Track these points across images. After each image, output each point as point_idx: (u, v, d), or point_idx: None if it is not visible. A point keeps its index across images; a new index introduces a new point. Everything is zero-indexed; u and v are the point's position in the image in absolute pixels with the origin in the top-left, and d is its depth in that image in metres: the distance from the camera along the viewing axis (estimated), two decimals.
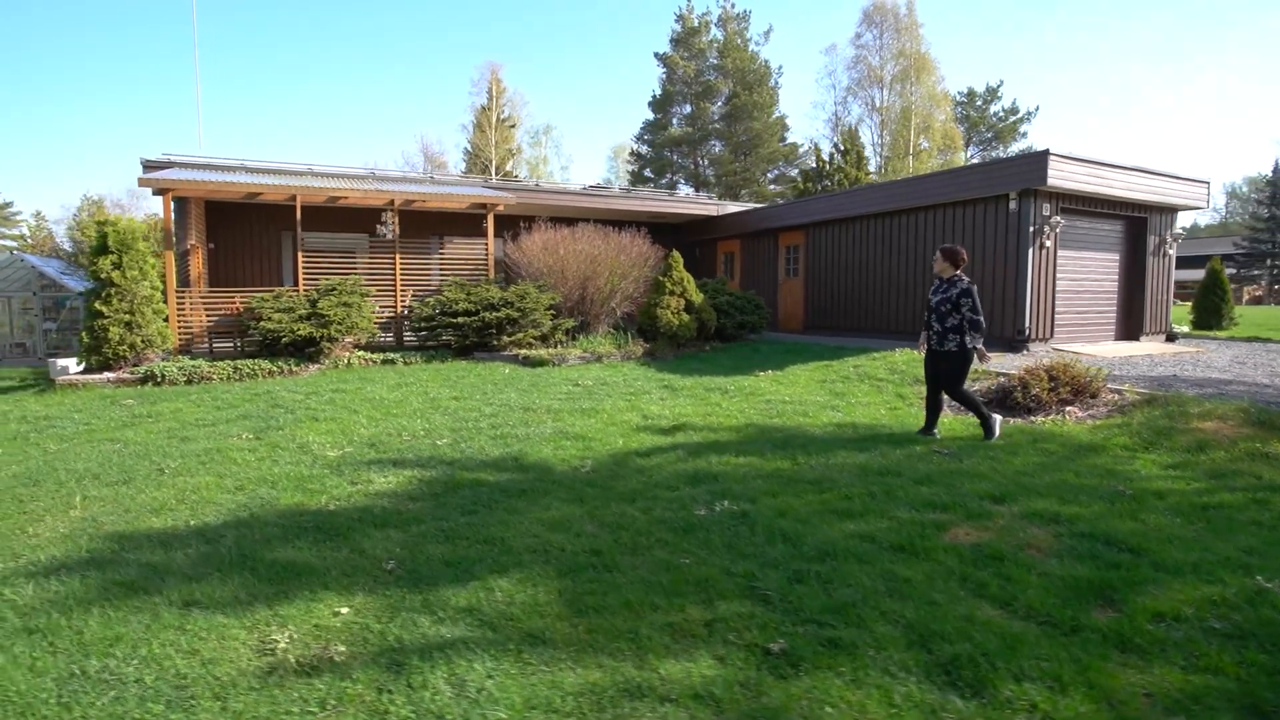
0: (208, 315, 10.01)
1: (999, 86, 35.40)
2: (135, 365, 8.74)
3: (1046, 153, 8.97)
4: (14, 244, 37.68)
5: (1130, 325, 11.19)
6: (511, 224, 13.92)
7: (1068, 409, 6.44)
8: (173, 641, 2.80)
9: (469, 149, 40.83)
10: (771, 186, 34.61)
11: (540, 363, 9.83)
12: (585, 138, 69.38)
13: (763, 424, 6.36)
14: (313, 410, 7.04)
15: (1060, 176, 9.14)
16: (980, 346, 5.55)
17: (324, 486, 4.73)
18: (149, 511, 4.29)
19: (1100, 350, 9.78)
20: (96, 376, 8.39)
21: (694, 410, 6.96)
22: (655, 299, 10.86)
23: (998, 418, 5.70)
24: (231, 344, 10.27)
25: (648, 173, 36.10)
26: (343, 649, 2.74)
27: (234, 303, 10.15)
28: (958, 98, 33.19)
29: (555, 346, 10.52)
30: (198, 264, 10.50)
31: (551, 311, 10.63)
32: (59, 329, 12.63)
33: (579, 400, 7.48)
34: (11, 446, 5.95)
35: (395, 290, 10.94)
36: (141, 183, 9.54)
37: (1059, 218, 9.56)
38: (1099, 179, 9.69)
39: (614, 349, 10.42)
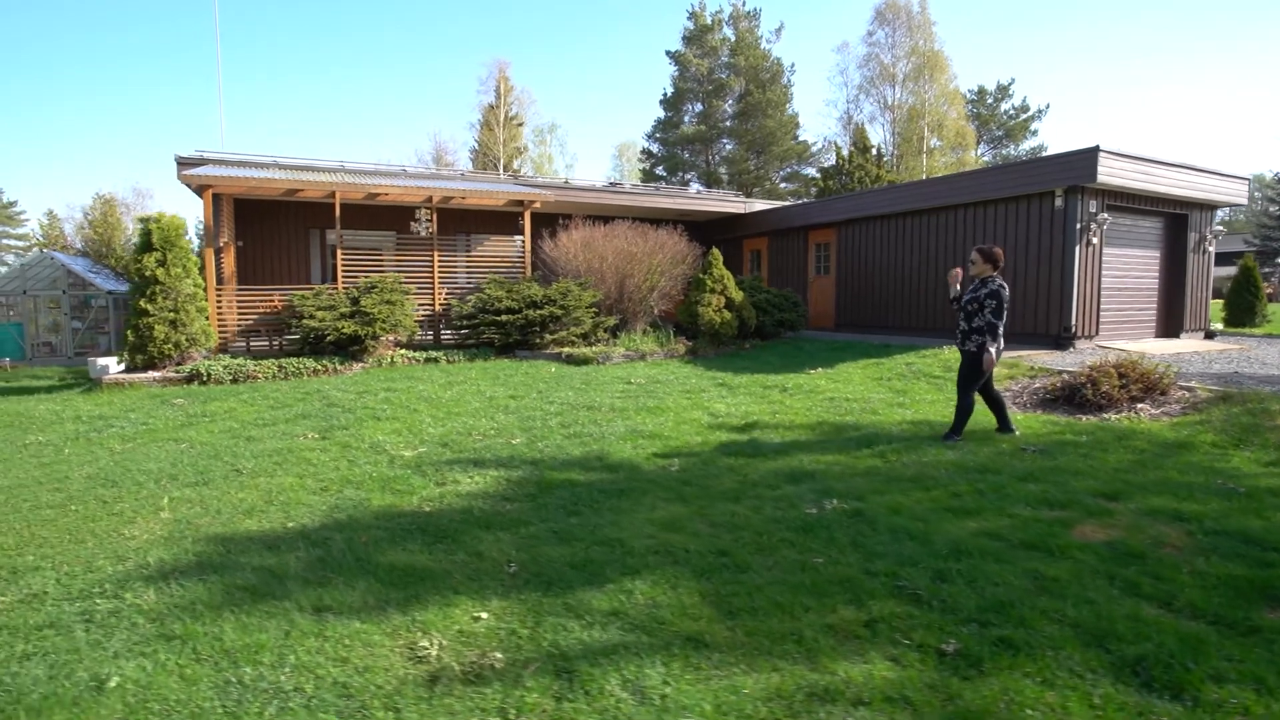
0: (246, 313, 9.89)
1: (1010, 84, 35.44)
2: (179, 364, 8.62)
3: (1097, 149, 8.90)
4: (21, 243, 37.40)
5: (1170, 322, 11.14)
6: (539, 222, 13.82)
7: (1138, 406, 6.37)
8: (317, 649, 2.71)
9: (475, 147, 40.69)
10: (784, 185, 34.53)
11: (584, 361, 9.74)
12: (590, 136, 69.25)
13: (836, 422, 6.28)
14: (371, 409, 6.93)
15: (1109, 173, 9.07)
16: (990, 352, 5.29)
17: (411, 487, 4.64)
18: (240, 513, 4.20)
19: (1144, 347, 9.72)
20: (141, 376, 8.27)
21: (759, 408, 6.88)
22: (696, 297, 10.77)
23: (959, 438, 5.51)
24: (268, 342, 10.15)
25: (660, 171, 35.99)
26: (500, 655, 2.65)
27: (272, 300, 10.03)
28: (968, 96, 33.15)
29: (597, 345, 10.42)
30: (230, 262, 10.37)
31: (593, 310, 10.53)
32: (87, 328, 12.49)
33: (638, 398, 7.39)
34: (76, 447, 5.84)
35: (433, 288, 10.82)
36: (183, 179, 9.42)
37: (1106, 214, 9.50)
38: (1146, 175, 9.63)
39: (656, 347, 10.33)
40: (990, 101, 35.53)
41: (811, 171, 35.03)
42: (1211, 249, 11.25)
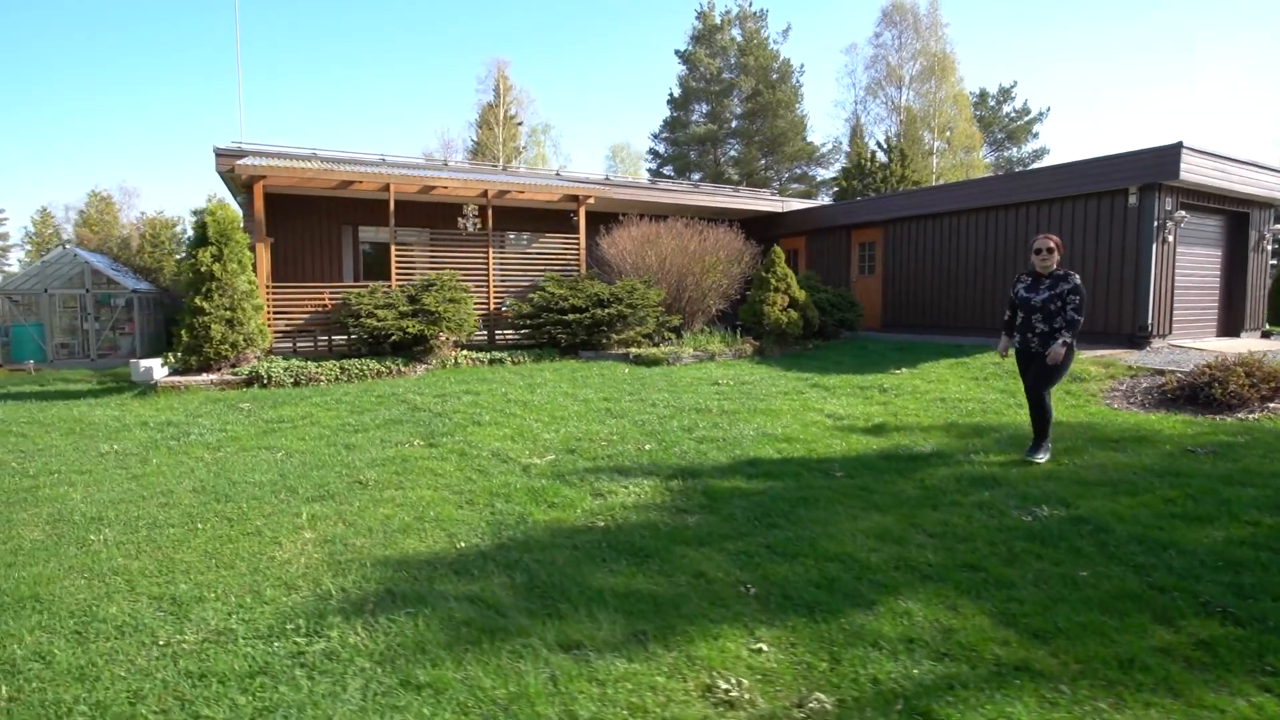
0: (294, 313, 9.37)
1: (1012, 87, 35.70)
2: (234, 366, 8.11)
3: (1180, 145, 8.77)
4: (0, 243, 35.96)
5: (1231, 321, 11.08)
6: (564, 220, 13.44)
7: (1269, 405, 6.18)
8: (601, 696, 2.35)
9: (473, 146, 40.13)
10: (793, 186, 34.44)
11: (655, 361, 9.38)
12: (583, 137, 68.71)
13: (966, 423, 6.01)
14: (465, 414, 6.52)
15: (1189, 170, 8.95)
16: (1070, 344, 4.74)
17: (567, 499, 4.27)
18: (395, 532, 3.79)
19: (1213, 345, 9.61)
20: (195, 378, 7.75)
21: (874, 410, 6.59)
22: (760, 295, 10.47)
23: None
24: (312, 343, 9.64)
25: (667, 171, 35.69)
26: (823, 696, 2.31)
27: (322, 298, 9.53)
28: (971, 98, 33.35)
29: (661, 344, 10.07)
30: (266, 259, 9.83)
31: (659, 309, 10.18)
32: (110, 329, 11.82)
33: (739, 400, 7.06)
34: (162, 457, 5.36)
35: (488, 286, 10.39)
36: (226, 171, 8.90)
37: (1183, 212, 9.38)
38: (1221, 173, 9.53)
39: (724, 347, 10.01)
40: (992, 104, 35.79)
41: (821, 172, 34.99)
42: (1270, 248, 11.22)
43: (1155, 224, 9.28)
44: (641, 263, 10.84)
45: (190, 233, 7.90)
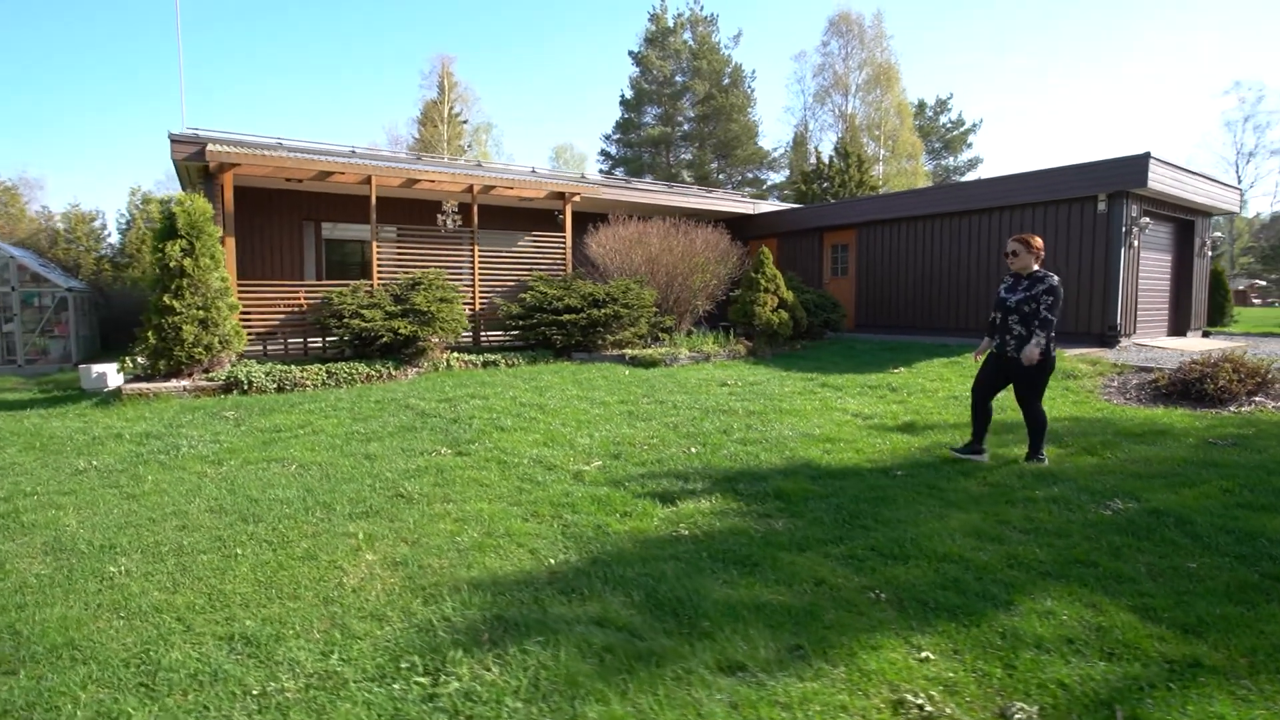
0: (268, 312, 8.66)
1: (949, 99, 37.54)
2: (207, 371, 7.40)
3: (1148, 155, 9.31)
4: None
5: (1178, 321, 11.88)
6: (546, 219, 13.11)
7: (1255, 399, 6.59)
8: None
9: (414, 144, 38.86)
10: (745, 190, 34.94)
11: (652, 363, 9.19)
12: (525, 138, 67.74)
13: (999, 420, 6.10)
14: (484, 419, 6.15)
15: (1155, 179, 9.52)
16: (1044, 345, 4.60)
17: (637, 508, 4.05)
18: (468, 550, 3.49)
19: (1170, 344, 10.27)
20: (164, 385, 7.02)
21: (896, 409, 6.63)
22: (751, 296, 10.45)
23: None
24: (283, 346, 8.93)
25: (620, 173, 35.53)
26: (1024, 705, 2.21)
27: (297, 297, 8.84)
28: (910, 108, 34.81)
29: (654, 346, 9.89)
30: (234, 256, 9.05)
31: (653, 309, 9.99)
32: (41, 330, 10.60)
33: (756, 400, 6.97)
34: (155, 473, 4.79)
35: (474, 286, 9.92)
36: (211, 156, 8.12)
37: (1147, 219, 9.97)
38: (1177, 183, 10.19)
39: (718, 348, 9.93)
40: (930, 114, 37.52)
41: (772, 176, 35.65)
42: (1209, 253, 12.11)
43: (1124, 229, 9.82)
44: (629, 263, 10.64)
45: (156, 224, 7.15)
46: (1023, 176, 10.98)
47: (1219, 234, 11.79)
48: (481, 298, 10.24)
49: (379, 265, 9.34)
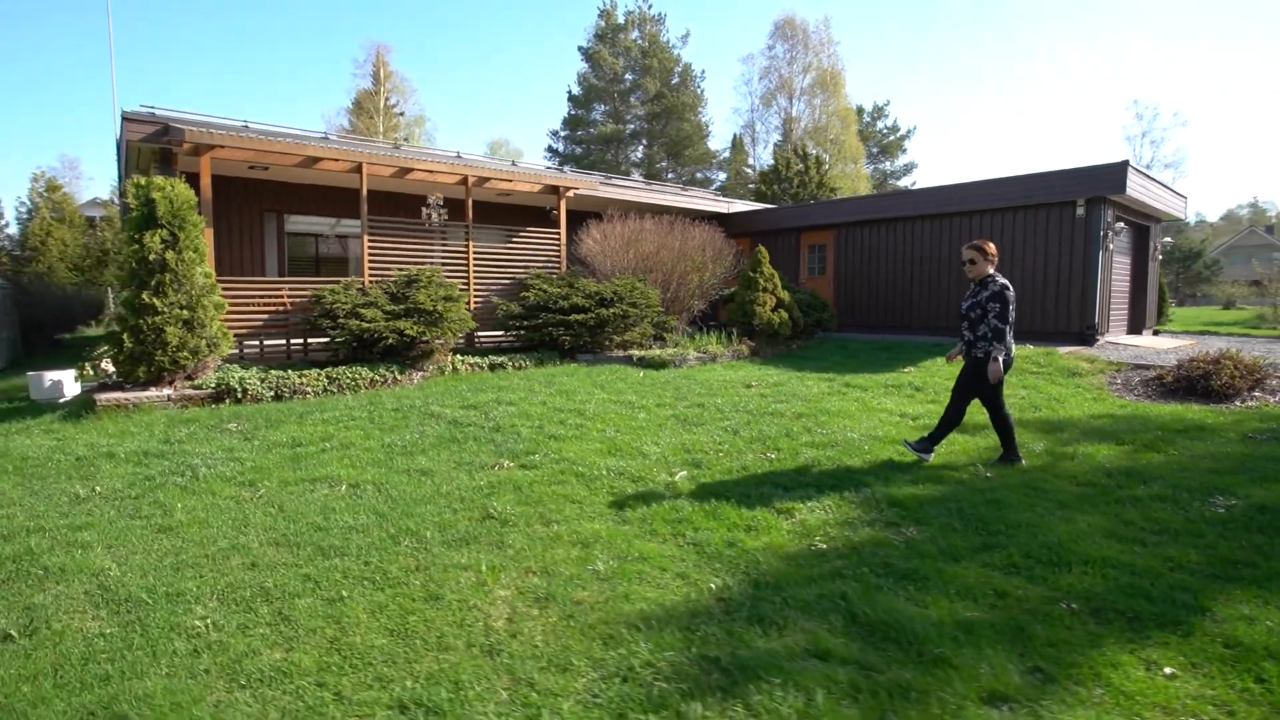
0: (251, 312, 7.79)
1: (885, 105, 39.03)
2: (190, 378, 6.56)
3: (1126, 164, 9.83)
4: None
5: (1135, 320, 12.68)
6: (520, 215, 12.60)
7: (1254, 393, 7.02)
8: None
9: (347, 134, 36.87)
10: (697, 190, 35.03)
11: (662, 364, 8.91)
12: (456, 134, 65.74)
13: (1033, 419, 6.22)
14: (527, 427, 5.72)
15: (1131, 187, 10.07)
16: (998, 361, 4.58)
17: (756, 522, 3.83)
18: (610, 578, 3.19)
19: (1135, 341, 10.93)
20: (144, 394, 6.16)
21: (934, 408, 6.64)
22: (750, 295, 10.35)
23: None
24: (259, 348, 8.08)
25: (568, 170, 34.87)
26: None
27: (280, 295, 8.00)
28: (854, 113, 35.97)
29: (657, 346, 9.62)
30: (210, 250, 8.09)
31: (659, 309, 9.69)
32: None
33: (792, 402, 6.83)
34: (181, 499, 4.14)
35: (469, 284, 9.31)
36: (190, 136, 7.18)
37: (1121, 224, 10.53)
38: (1144, 190, 10.83)
39: (722, 348, 9.76)
40: (868, 120, 38.89)
41: (721, 176, 35.92)
42: (1160, 257, 12.98)
43: (1101, 234, 10.34)
44: (625, 261, 10.31)
45: (131, 211, 6.28)
46: (1003, 181, 11.39)
47: (1168, 239, 12.67)
48: (476, 296, 9.66)
49: (371, 261, 8.60)
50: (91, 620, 2.77)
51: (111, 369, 6.68)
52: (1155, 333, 13.30)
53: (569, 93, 35.11)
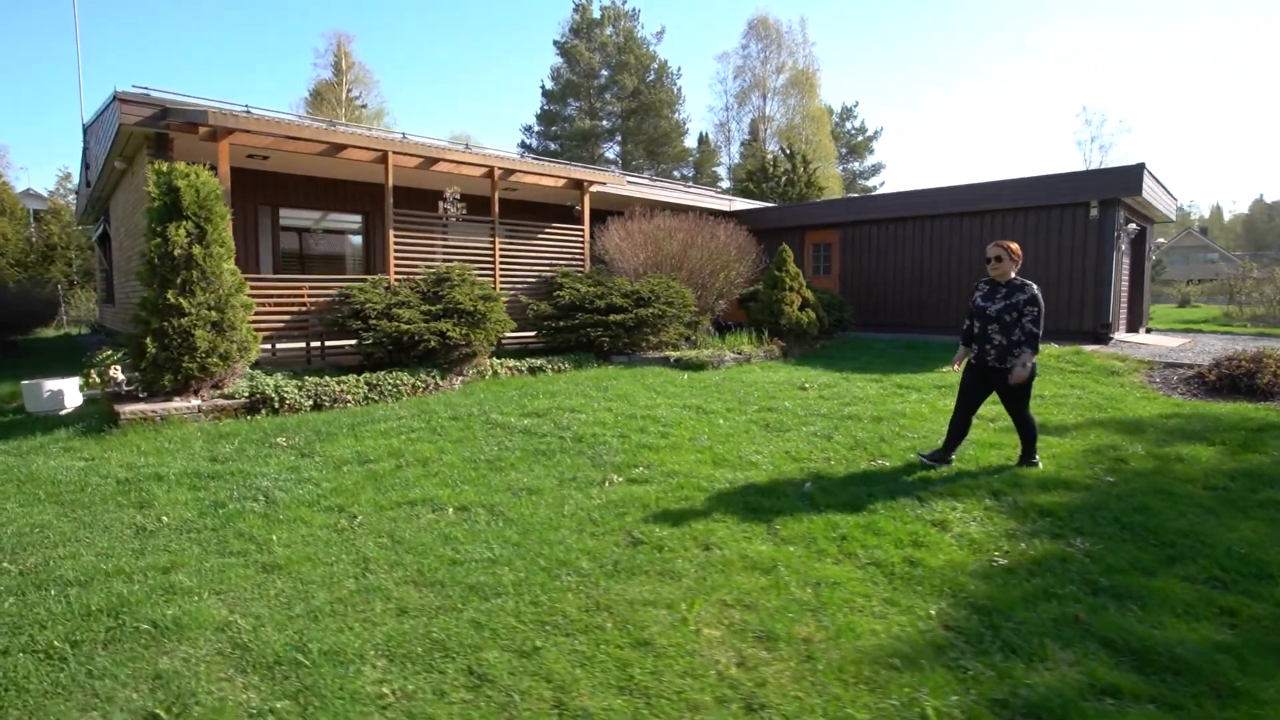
0: (269, 313, 7.11)
1: (854, 106, 39.68)
2: (217, 386, 5.92)
3: (1143, 166, 10.04)
4: None
5: (1133, 319, 13.05)
6: (552, 213, 12.12)
7: None
8: None
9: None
10: None
11: (700, 365, 8.62)
12: (421, 127, 63.88)
13: (1105, 418, 6.18)
14: (607, 436, 5.35)
15: (1145, 189, 10.29)
16: (1032, 364, 4.47)
17: (918, 536, 3.61)
18: (817, 608, 2.90)
19: (1143, 340, 11.23)
20: (170, 405, 5.50)
21: (1000, 409, 6.55)
22: (778, 295, 10.15)
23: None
24: (271, 352, 7.42)
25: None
26: None
27: (300, 294, 7.35)
28: (829, 113, 36.46)
29: (686, 347, 9.32)
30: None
31: (693, 309, 9.38)
32: None
33: (856, 405, 6.65)
34: (269, 530, 3.64)
35: (494, 282, 8.79)
36: (213, 119, 6.48)
37: (1134, 225, 10.77)
38: (1153, 193, 11.11)
39: (755, 348, 9.54)
40: (837, 120, 39.46)
41: (688, 174, 35.80)
42: (1154, 257, 13.40)
43: (1115, 234, 10.54)
44: (649, 258, 9.97)
45: (153, 201, 5.62)
46: (1018, 182, 11.52)
47: (1160, 240, 13.07)
48: (503, 295, 9.15)
49: (397, 257, 7.99)
50: (245, 690, 2.30)
51: (121, 377, 5.98)
52: (1149, 330, 13.73)
53: (542, 87, 34.48)
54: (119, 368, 6.00)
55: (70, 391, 6.02)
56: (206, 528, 3.62)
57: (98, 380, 6.04)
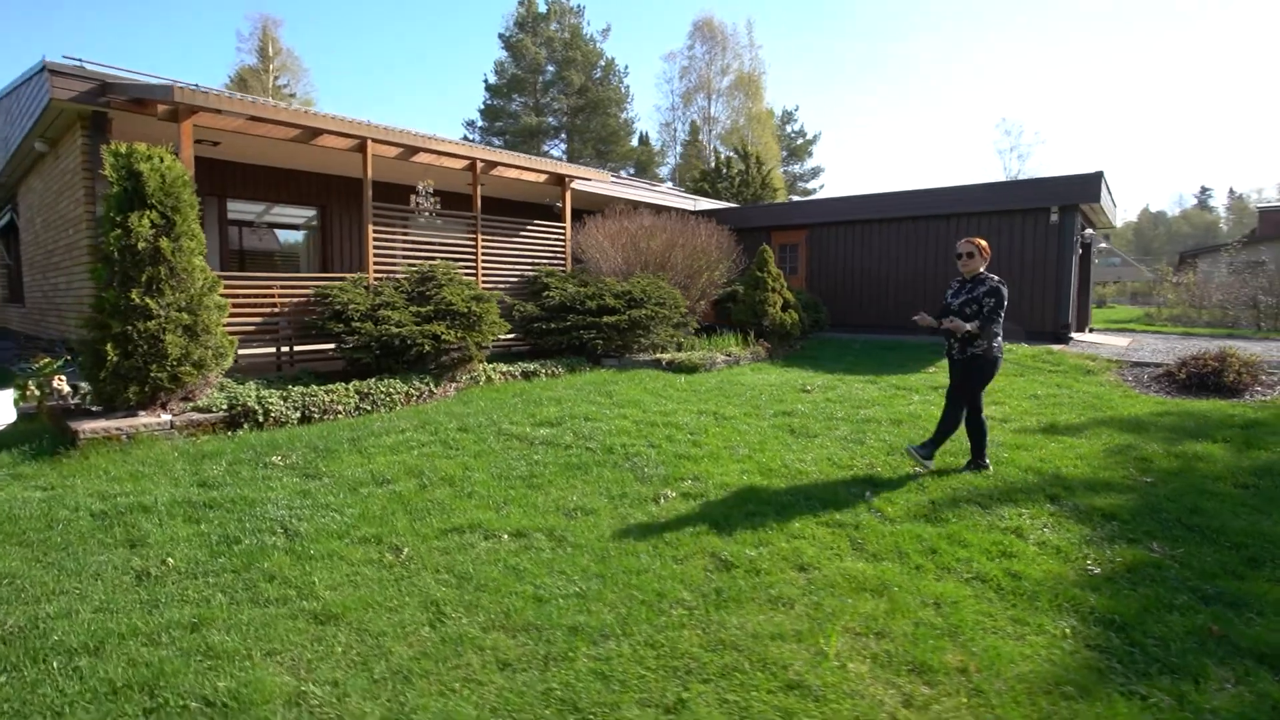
0: (244, 315, 6.35)
1: (795, 110, 40.56)
2: (187, 399, 5.21)
3: (1101, 174, 10.55)
4: None
5: (1081, 320, 13.77)
6: (531, 210, 11.58)
7: (1255, 388, 7.67)
8: None
9: None
10: None
11: (692, 368, 8.40)
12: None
13: (1109, 417, 6.36)
14: (638, 446, 5.05)
15: (1103, 196, 10.83)
16: (999, 355, 4.63)
17: (1002, 546, 3.52)
18: (947, 632, 2.73)
19: (1097, 339, 11.85)
20: (136, 421, 4.79)
21: (1012, 410, 6.66)
22: (760, 295, 10.07)
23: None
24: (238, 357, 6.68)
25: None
26: None
27: (270, 293, 6.62)
28: (773, 116, 37.14)
29: (673, 349, 9.08)
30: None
31: (682, 310, 9.13)
32: None
33: (867, 408, 6.62)
34: (306, 572, 3.16)
35: (476, 281, 8.25)
36: (178, 96, 5.67)
37: (1090, 230, 11.32)
38: (1105, 200, 11.72)
39: (742, 350, 9.41)
40: (778, 123, 40.23)
41: (631, 173, 35.65)
42: (1096, 260, 14.20)
43: (1074, 239, 11.05)
44: (631, 258, 9.68)
45: (112, 187, 4.88)
46: (981, 187, 11.92)
47: (1104, 244, 13.87)
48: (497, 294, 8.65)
49: (375, 255, 7.35)
50: None
51: (68, 389, 5.18)
52: (1091, 330, 14.55)
53: (486, 81, 33.49)
54: (63, 378, 5.20)
55: (4, 406, 5.17)
56: (225, 569, 3.09)
57: (36, 393, 5.22)
